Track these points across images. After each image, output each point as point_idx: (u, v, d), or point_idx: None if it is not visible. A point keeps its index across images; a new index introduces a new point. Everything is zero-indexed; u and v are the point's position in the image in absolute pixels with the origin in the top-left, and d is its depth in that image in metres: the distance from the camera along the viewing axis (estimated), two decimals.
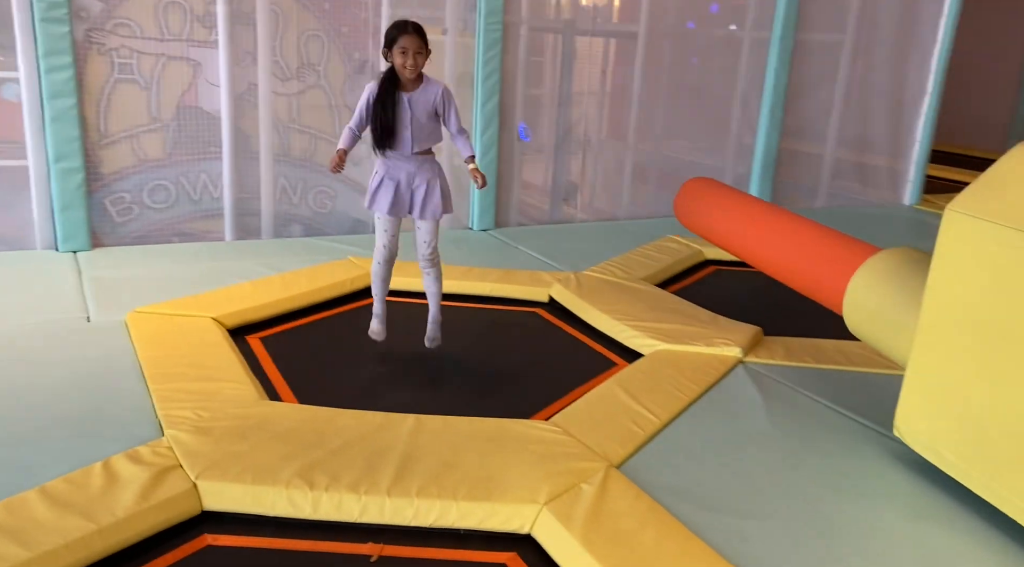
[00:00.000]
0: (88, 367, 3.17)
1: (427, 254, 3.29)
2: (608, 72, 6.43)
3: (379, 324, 3.39)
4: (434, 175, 3.19)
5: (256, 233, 5.29)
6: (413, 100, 3.08)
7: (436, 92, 3.12)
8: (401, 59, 3.01)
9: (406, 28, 3.02)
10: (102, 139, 4.75)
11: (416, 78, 3.09)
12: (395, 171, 3.14)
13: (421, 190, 3.16)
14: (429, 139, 3.17)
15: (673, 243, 5.54)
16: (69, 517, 2.15)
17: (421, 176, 3.15)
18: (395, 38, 3.02)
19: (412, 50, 3.00)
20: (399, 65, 3.03)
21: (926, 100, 7.32)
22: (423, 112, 3.10)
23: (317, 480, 2.43)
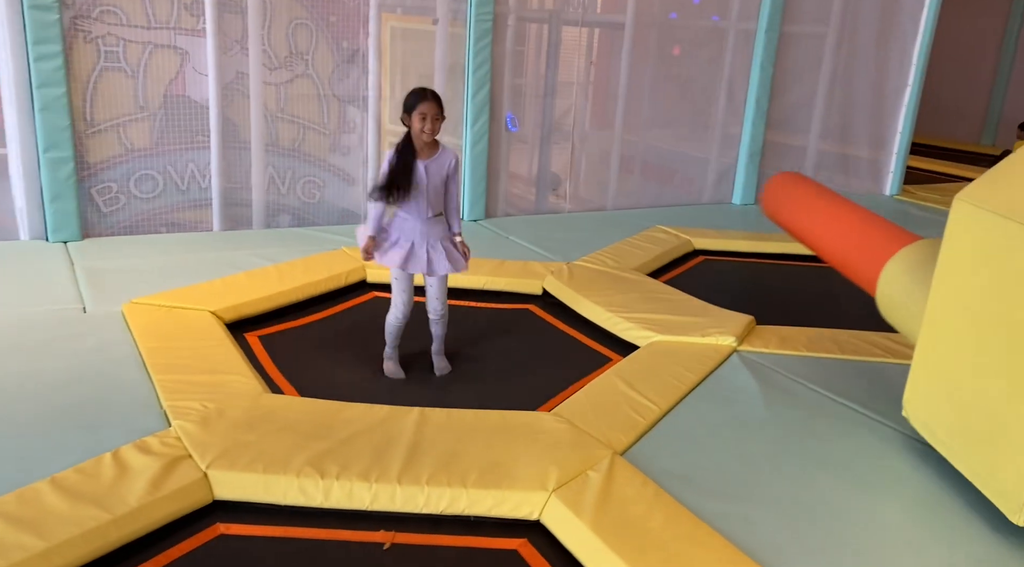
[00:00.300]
0: (88, 358, 3.15)
1: (438, 308, 3.43)
2: (595, 63, 6.45)
3: (394, 365, 3.47)
4: (446, 235, 3.32)
5: (244, 223, 5.26)
6: (429, 167, 3.19)
7: (450, 160, 3.25)
8: (420, 125, 3.12)
9: (425, 95, 3.14)
10: (88, 128, 4.70)
11: (432, 144, 3.20)
12: (410, 231, 3.25)
13: (437, 248, 3.27)
14: (441, 203, 3.30)
15: (661, 233, 5.60)
16: (83, 507, 2.16)
17: (434, 236, 3.27)
18: (414, 104, 3.13)
19: (431, 115, 3.12)
20: (416, 130, 3.14)
21: (907, 92, 7.44)
22: (437, 178, 3.23)
23: (328, 469, 2.44)
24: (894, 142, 7.62)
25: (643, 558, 2.16)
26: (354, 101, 5.50)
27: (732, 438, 2.91)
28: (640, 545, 2.21)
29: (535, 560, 2.28)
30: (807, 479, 2.67)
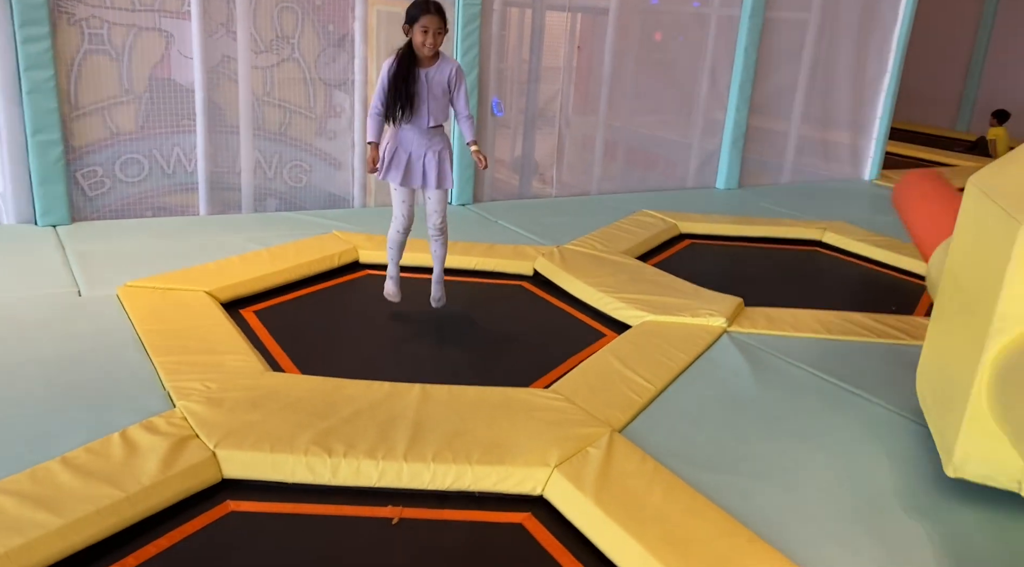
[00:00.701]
0: (87, 340, 3.16)
1: (438, 223, 3.40)
2: (580, 47, 6.48)
3: (394, 286, 3.51)
4: (444, 147, 3.30)
5: (231, 207, 5.25)
6: (430, 76, 3.16)
7: (451, 70, 3.22)
8: (421, 37, 3.10)
9: (428, 8, 3.11)
10: (73, 111, 4.65)
11: (433, 55, 3.17)
12: (407, 143, 3.22)
13: (432, 163, 3.26)
14: (443, 114, 3.27)
15: (648, 217, 5.67)
16: (96, 485, 2.18)
17: (432, 149, 3.24)
18: (417, 16, 3.10)
19: (433, 29, 3.10)
20: (418, 43, 3.11)
21: (886, 78, 7.56)
22: (438, 88, 3.20)
23: (334, 447, 2.49)
24: (873, 128, 7.76)
25: (645, 529, 2.23)
26: (340, 85, 5.49)
27: (725, 415, 2.99)
28: (641, 517, 2.28)
29: (540, 533, 2.35)
30: (797, 452, 2.76)
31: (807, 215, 6.16)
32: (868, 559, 2.23)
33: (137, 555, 2.09)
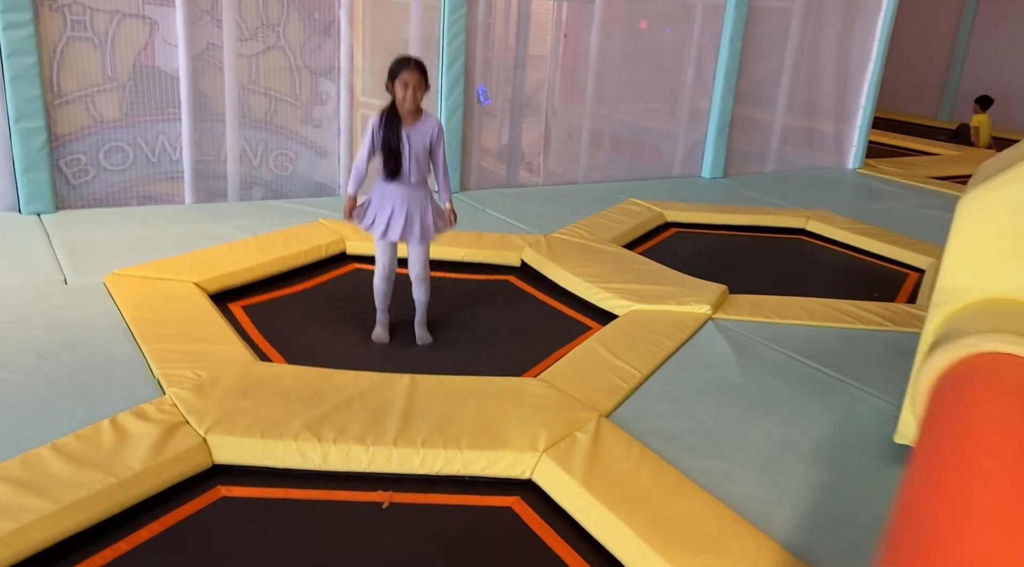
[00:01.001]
0: (74, 329, 3.15)
1: (419, 272, 3.48)
2: (566, 36, 6.49)
3: (383, 331, 3.54)
4: (426, 201, 3.36)
5: (216, 196, 5.23)
6: (411, 134, 3.22)
7: (432, 128, 3.28)
8: (402, 92, 3.15)
9: (408, 64, 3.16)
10: (55, 99, 4.61)
11: (415, 111, 3.23)
12: (390, 197, 3.29)
13: (415, 216, 3.32)
14: (424, 170, 3.34)
15: (634, 206, 5.70)
16: (87, 471, 2.19)
17: (414, 203, 3.31)
18: (397, 72, 3.16)
19: (412, 84, 3.14)
20: (399, 98, 3.17)
21: (870, 67, 7.62)
22: (420, 145, 3.26)
23: (324, 433, 2.51)
24: (857, 116, 7.82)
25: (632, 512, 2.27)
26: (326, 73, 5.48)
27: (710, 400, 3.03)
28: (629, 500, 2.32)
29: (529, 516, 2.38)
30: (782, 436, 2.81)
31: (791, 204, 6.21)
32: (850, 541, 2.28)
33: (130, 539, 2.11)
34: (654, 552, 2.11)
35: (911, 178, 7.47)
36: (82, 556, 2.03)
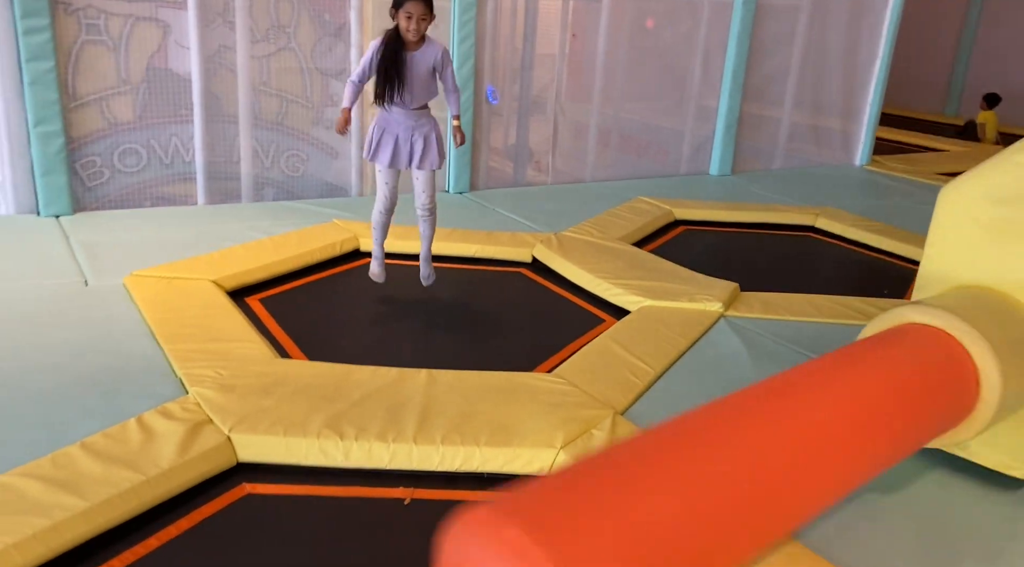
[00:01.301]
0: (96, 329, 3.21)
1: (425, 202, 3.45)
2: (574, 35, 6.52)
3: (379, 267, 3.56)
4: (431, 128, 3.35)
5: (229, 197, 5.27)
6: (415, 59, 3.21)
7: (436, 53, 3.27)
8: (405, 23, 3.15)
9: None
10: (71, 102, 4.66)
11: (419, 39, 3.20)
12: (394, 125, 3.27)
13: (419, 143, 3.31)
14: (427, 95, 3.33)
15: (643, 204, 5.73)
16: (117, 469, 2.24)
17: (419, 130, 3.30)
18: (402, 2, 3.14)
19: (416, 15, 3.14)
20: (403, 28, 3.16)
21: (877, 63, 7.63)
22: (423, 70, 3.25)
23: (346, 430, 2.55)
24: (864, 113, 7.83)
25: None
26: (337, 75, 5.52)
27: (723, 394, 3.06)
28: None
29: None
30: None
31: (800, 201, 6.24)
32: (861, 533, 2.32)
33: (159, 536, 2.16)
34: None
35: (918, 174, 7.49)
36: (114, 552, 2.08)
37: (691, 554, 1.51)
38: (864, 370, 2.12)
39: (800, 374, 2.07)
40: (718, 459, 1.67)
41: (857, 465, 1.97)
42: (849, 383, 2.04)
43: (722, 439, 1.74)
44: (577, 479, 1.57)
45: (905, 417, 2.10)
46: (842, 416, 1.93)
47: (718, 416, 1.85)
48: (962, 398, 2.28)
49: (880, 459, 2.07)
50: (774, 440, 1.78)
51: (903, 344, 2.31)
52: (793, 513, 1.81)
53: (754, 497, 1.66)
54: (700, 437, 1.74)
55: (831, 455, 1.86)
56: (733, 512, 1.60)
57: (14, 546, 1.93)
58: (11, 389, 2.72)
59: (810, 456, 1.81)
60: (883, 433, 2.03)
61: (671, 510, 1.51)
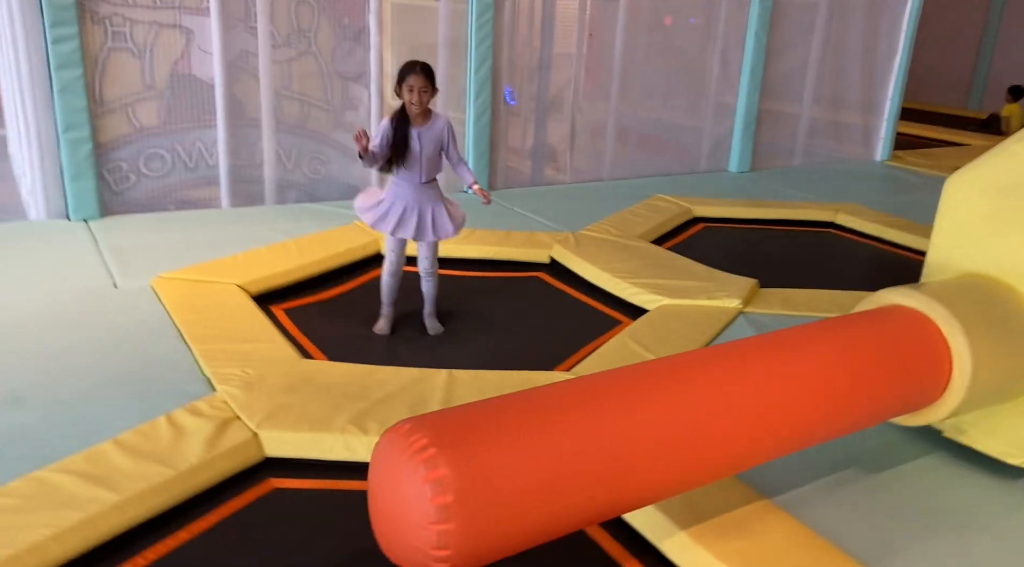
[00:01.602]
0: (126, 330, 3.29)
1: (428, 267, 3.60)
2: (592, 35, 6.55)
3: (386, 324, 3.65)
4: (437, 201, 3.46)
5: (252, 200, 5.36)
6: (422, 134, 3.34)
7: (442, 127, 3.40)
8: (408, 96, 3.28)
9: (414, 68, 3.27)
10: (98, 108, 4.77)
11: (423, 114, 3.34)
12: (402, 197, 3.41)
13: (427, 215, 3.44)
14: (435, 169, 3.46)
15: (662, 202, 5.75)
16: (148, 465, 2.31)
17: (425, 202, 3.43)
18: (404, 76, 3.27)
19: (418, 87, 3.26)
20: (407, 101, 3.29)
21: (897, 57, 7.58)
22: (431, 145, 3.37)
23: (369, 426, 2.61)
24: (884, 108, 7.78)
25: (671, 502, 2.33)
26: (357, 78, 5.59)
27: None
28: None
29: None
30: None
31: (820, 197, 6.22)
32: (881, 525, 2.34)
33: (189, 529, 2.22)
34: (689, 538, 2.18)
35: (940, 169, 7.42)
36: (146, 544, 2.14)
37: (580, 486, 1.72)
38: (821, 341, 2.23)
39: (751, 342, 2.21)
40: (636, 410, 1.84)
41: (791, 426, 2.09)
42: (799, 350, 2.17)
43: (648, 393, 1.90)
44: (494, 407, 1.80)
45: (858, 386, 2.19)
46: (782, 379, 2.06)
47: (652, 372, 2.01)
48: (933, 377, 2.34)
49: (824, 424, 2.17)
50: (698, 397, 1.95)
51: (872, 321, 2.38)
52: (697, 470, 1.99)
53: (655, 449, 1.83)
54: (627, 388, 1.90)
55: (761, 414, 2.01)
56: (628, 462, 1.78)
57: (52, 538, 2.00)
58: (46, 388, 2.81)
59: (733, 414, 1.96)
60: (829, 399, 2.13)
61: (570, 445, 1.71)
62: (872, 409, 2.29)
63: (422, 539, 1.54)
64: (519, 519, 1.62)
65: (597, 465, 1.73)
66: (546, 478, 1.66)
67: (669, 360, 2.12)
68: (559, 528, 1.73)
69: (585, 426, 1.75)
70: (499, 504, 1.59)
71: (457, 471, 1.54)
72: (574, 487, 1.70)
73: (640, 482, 1.83)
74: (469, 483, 1.54)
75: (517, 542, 1.67)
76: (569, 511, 1.71)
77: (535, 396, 1.85)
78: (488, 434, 1.65)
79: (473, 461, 1.58)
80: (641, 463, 1.81)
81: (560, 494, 1.68)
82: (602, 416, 1.79)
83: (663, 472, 1.87)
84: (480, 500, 1.56)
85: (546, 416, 1.75)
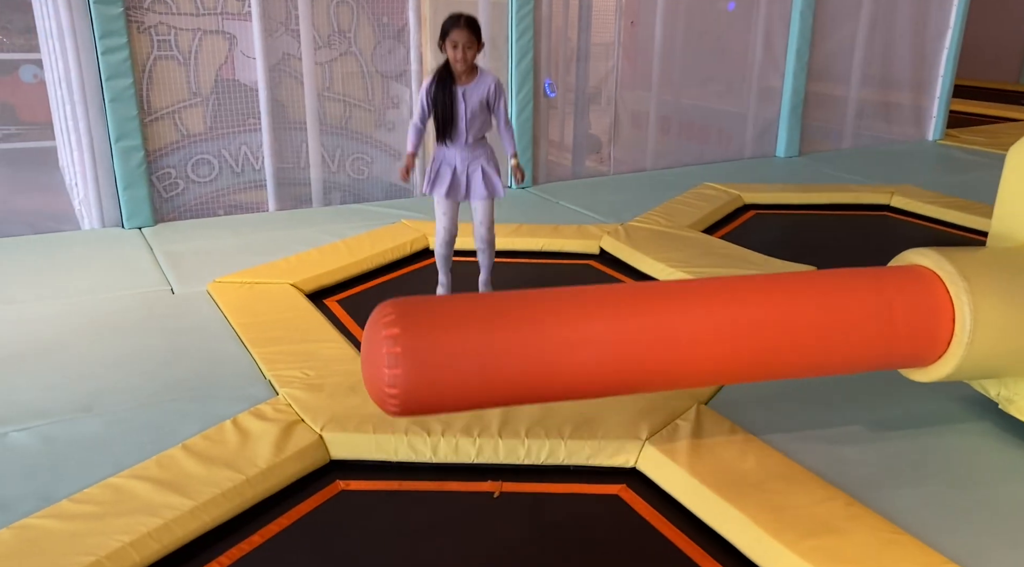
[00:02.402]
0: (185, 335, 3.32)
1: (484, 235, 3.47)
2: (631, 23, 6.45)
3: (445, 293, 3.59)
4: (487, 159, 3.36)
5: (298, 202, 5.39)
6: (467, 92, 3.20)
7: (489, 85, 3.24)
8: (452, 52, 3.13)
9: (458, 22, 3.11)
10: (146, 116, 4.83)
11: (470, 70, 3.20)
12: (451, 158, 3.31)
13: (477, 174, 3.33)
14: (482, 128, 3.33)
15: (709, 190, 5.65)
16: (218, 469, 2.32)
17: (475, 161, 3.32)
18: (447, 31, 3.12)
19: (462, 43, 3.10)
20: (451, 58, 3.15)
21: (949, 34, 7.34)
22: (476, 104, 3.23)
23: (432, 426, 2.59)
24: (936, 86, 7.55)
25: (742, 497, 2.28)
26: (398, 77, 5.58)
27: (811, 384, 2.99)
28: (738, 486, 2.33)
29: (637, 503, 2.41)
30: (888, 416, 2.77)
31: (872, 180, 6.05)
32: (967, 519, 2.25)
33: (262, 533, 2.23)
34: (770, 537, 2.12)
35: (996, 146, 7.18)
36: (221, 549, 2.15)
37: (511, 365, 2.08)
38: (812, 282, 2.39)
39: (740, 279, 2.39)
40: (575, 316, 2.14)
41: (750, 349, 2.24)
42: (783, 286, 2.34)
43: (628, 309, 2.18)
44: (458, 298, 2.29)
45: (833, 324, 2.28)
46: (746, 305, 2.24)
47: (639, 293, 2.29)
48: (929, 332, 2.33)
49: (791, 353, 2.27)
50: (651, 313, 2.19)
51: (877, 273, 2.42)
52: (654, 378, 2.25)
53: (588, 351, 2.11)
54: (604, 301, 2.20)
55: (718, 332, 2.20)
56: (555, 357, 2.10)
57: (130, 544, 2.01)
58: (113, 395, 2.85)
59: (676, 329, 2.18)
60: (799, 329, 2.25)
61: (506, 333, 2.08)
62: (848, 349, 2.32)
63: (380, 379, 2.01)
64: (454, 376, 2.04)
65: (528, 352, 2.08)
66: (481, 353, 2.04)
67: (649, 284, 2.43)
68: (487, 394, 2.12)
69: (525, 317, 2.12)
70: (438, 361, 2.02)
71: (406, 331, 2.00)
72: (505, 365, 2.06)
73: (565, 377, 2.13)
74: (414, 340, 2.00)
75: (453, 395, 2.08)
76: (498, 382, 2.08)
77: (494, 297, 2.25)
78: (441, 311, 2.11)
79: (421, 326, 2.03)
80: (566, 359, 2.10)
81: (490, 370, 2.05)
82: (542, 318, 2.12)
83: (587, 369, 2.13)
84: (422, 354, 2.00)
85: (496, 307, 2.14)
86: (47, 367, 3.03)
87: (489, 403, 2.21)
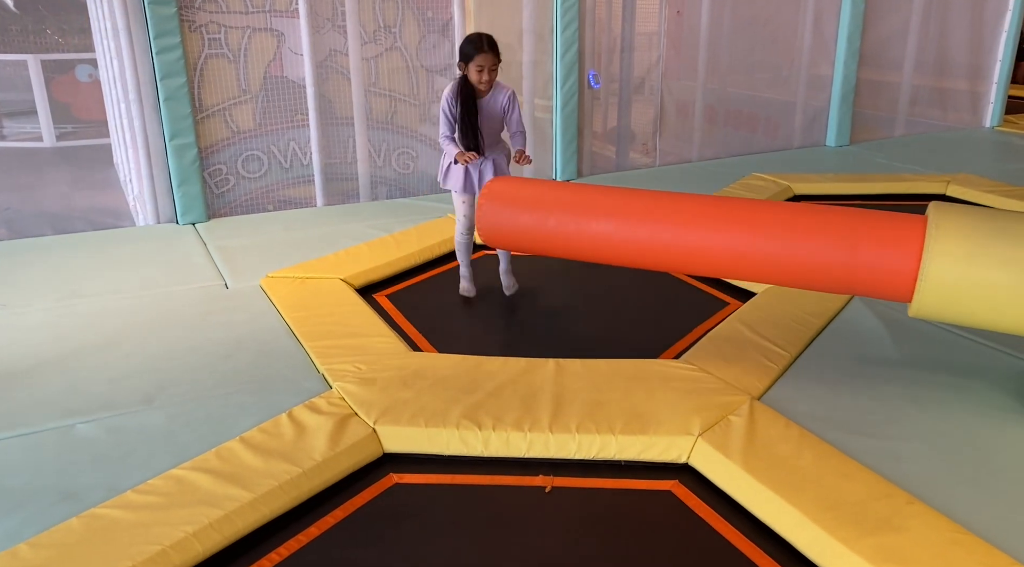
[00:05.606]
0: (240, 329, 3.39)
1: None
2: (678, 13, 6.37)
3: (468, 284, 3.76)
4: (500, 154, 3.52)
5: (345, 197, 5.45)
6: (486, 104, 3.36)
7: (505, 97, 3.39)
8: (477, 75, 3.28)
9: (481, 46, 3.25)
10: (198, 114, 4.92)
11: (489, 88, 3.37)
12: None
13: (488, 168, 3.47)
14: (498, 134, 3.50)
15: (759, 181, 5.56)
16: (275, 462, 2.37)
17: (487, 159, 3.48)
18: (472, 55, 3.26)
19: (488, 66, 3.26)
20: (475, 80, 3.29)
21: (1008, 16, 7.10)
22: (493, 115, 3.40)
23: (483, 420, 2.60)
24: (994, 71, 7.32)
25: (798, 493, 2.25)
26: (442, 71, 5.60)
27: (866, 379, 2.95)
28: (793, 481, 2.30)
29: (689, 499, 2.40)
30: (947, 412, 2.71)
31: (927, 168, 5.90)
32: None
33: (319, 525, 2.27)
34: (827, 534, 2.08)
35: None
36: (280, 540, 2.19)
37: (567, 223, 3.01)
38: (796, 209, 2.83)
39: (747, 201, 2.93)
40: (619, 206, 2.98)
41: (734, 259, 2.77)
42: (774, 210, 2.81)
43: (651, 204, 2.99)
44: (552, 184, 3.30)
45: (798, 244, 2.68)
46: (730, 221, 2.79)
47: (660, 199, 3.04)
48: (894, 266, 2.56)
49: (756, 259, 2.74)
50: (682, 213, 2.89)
51: (868, 214, 2.72)
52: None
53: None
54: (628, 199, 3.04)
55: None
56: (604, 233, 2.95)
57: (194, 535, 2.07)
58: (174, 386, 2.92)
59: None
60: (767, 242, 2.71)
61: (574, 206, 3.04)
62: (811, 269, 2.67)
63: (479, 211, 3.13)
64: (520, 224, 3.05)
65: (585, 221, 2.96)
66: (548, 211, 3.02)
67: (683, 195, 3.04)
68: (544, 242, 3.07)
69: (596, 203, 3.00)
70: (509, 214, 3.08)
71: (496, 189, 3.11)
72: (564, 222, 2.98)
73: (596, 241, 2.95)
74: (497, 195, 3.08)
75: (517, 238, 3.12)
76: (554, 238, 3.00)
77: (578, 188, 3.15)
78: (528, 185, 3.19)
79: (508, 189, 3.10)
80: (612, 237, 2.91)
81: (552, 222, 3.02)
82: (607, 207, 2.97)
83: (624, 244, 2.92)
84: (499, 203, 3.07)
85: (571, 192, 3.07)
86: (110, 360, 3.12)
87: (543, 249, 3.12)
